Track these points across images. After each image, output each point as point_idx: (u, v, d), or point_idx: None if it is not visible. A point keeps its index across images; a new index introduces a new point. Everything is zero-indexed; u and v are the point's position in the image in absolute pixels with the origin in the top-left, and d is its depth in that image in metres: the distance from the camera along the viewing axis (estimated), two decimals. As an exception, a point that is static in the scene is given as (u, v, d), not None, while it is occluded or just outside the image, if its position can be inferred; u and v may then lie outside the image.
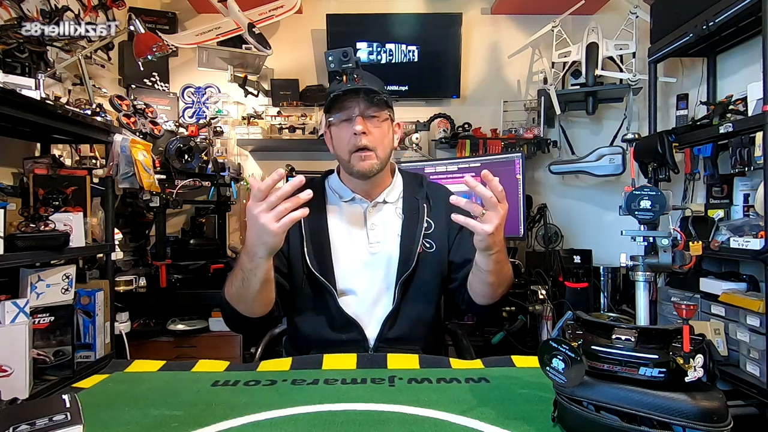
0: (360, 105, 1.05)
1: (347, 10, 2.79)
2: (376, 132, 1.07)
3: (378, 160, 1.07)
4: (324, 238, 1.10)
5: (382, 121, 1.08)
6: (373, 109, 1.06)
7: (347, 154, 1.07)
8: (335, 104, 1.06)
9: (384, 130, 1.09)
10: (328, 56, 1.01)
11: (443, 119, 2.71)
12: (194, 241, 2.37)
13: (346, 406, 0.70)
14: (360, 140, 1.04)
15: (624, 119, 2.63)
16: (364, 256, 1.11)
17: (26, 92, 1.43)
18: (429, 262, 1.11)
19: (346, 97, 1.04)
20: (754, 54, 1.96)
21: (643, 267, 0.68)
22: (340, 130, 1.08)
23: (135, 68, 2.43)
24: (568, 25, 2.68)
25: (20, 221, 1.38)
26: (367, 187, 1.14)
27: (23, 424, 0.53)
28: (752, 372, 1.59)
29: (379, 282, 1.10)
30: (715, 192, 1.99)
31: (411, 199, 1.16)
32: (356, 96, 1.04)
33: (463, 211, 1.04)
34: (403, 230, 1.12)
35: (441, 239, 1.13)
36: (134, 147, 1.83)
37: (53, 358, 1.44)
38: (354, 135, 1.04)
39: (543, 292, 2.16)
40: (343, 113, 1.06)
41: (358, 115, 1.05)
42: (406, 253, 1.09)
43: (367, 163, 1.06)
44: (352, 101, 1.05)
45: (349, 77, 1.02)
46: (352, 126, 1.04)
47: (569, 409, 0.61)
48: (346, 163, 1.09)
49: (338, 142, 1.09)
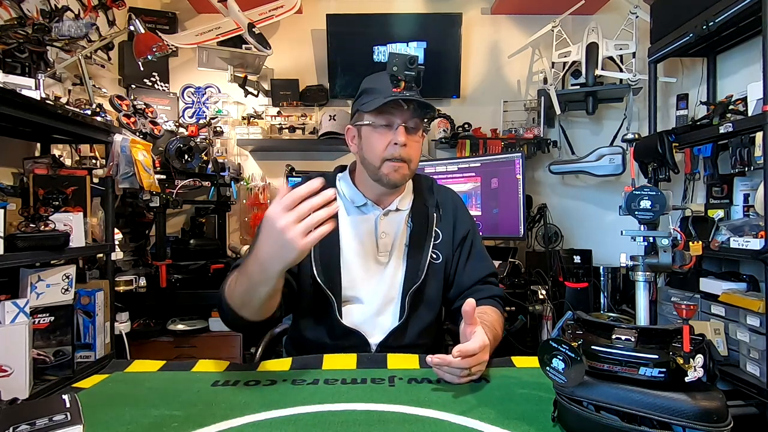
0: (404, 115, 1.02)
1: (347, 10, 2.79)
2: (413, 146, 1.05)
3: (409, 172, 1.06)
4: (334, 245, 1.07)
5: (420, 136, 1.07)
6: (416, 122, 1.04)
7: (379, 161, 1.03)
8: (383, 107, 1.01)
9: (420, 144, 1.08)
10: (394, 58, 0.97)
11: (443, 119, 2.71)
12: (194, 241, 2.37)
13: (346, 406, 0.70)
14: (399, 152, 1.02)
15: (624, 119, 2.63)
16: (372, 265, 1.09)
17: (26, 92, 1.43)
18: (435, 273, 1.11)
19: (394, 103, 1.00)
20: (754, 54, 1.96)
21: (643, 267, 0.68)
22: (377, 134, 1.03)
23: (135, 68, 2.43)
24: (568, 25, 2.68)
25: (20, 221, 1.38)
26: (382, 193, 1.11)
27: (23, 424, 0.53)
28: (752, 372, 1.59)
29: (384, 291, 1.08)
30: (715, 192, 1.99)
31: (421, 207, 1.15)
32: (405, 105, 1.01)
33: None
34: (411, 240, 1.11)
35: (447, 249, 1.13)
36: (134, 147, 1.83)
37: (53, 358, 1.44)
38: (394, 145, 1.02)
39: (543, 292, 2.16)
40: (386, 119, 1.02)
41: (401, 125, 1.02)
42: (414, 264, 1.08)
43: (400, 174, 1.04)
44: (399, 109, 1.01)
45: (408, 84, 0.99)
46: (394, 135, 1.01)
47: (569, 409, 0.61)
48: (375, 168, 1.05)
49: (371, 145, 1.04)
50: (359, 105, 1.06)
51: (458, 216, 1.16)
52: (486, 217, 2.41)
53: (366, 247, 1.10)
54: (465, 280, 1.13)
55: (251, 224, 2.67)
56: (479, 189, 2.43)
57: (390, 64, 0.98)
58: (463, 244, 1.15)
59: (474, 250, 1.16)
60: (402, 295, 1.07)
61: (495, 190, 2.38)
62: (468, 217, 1.19)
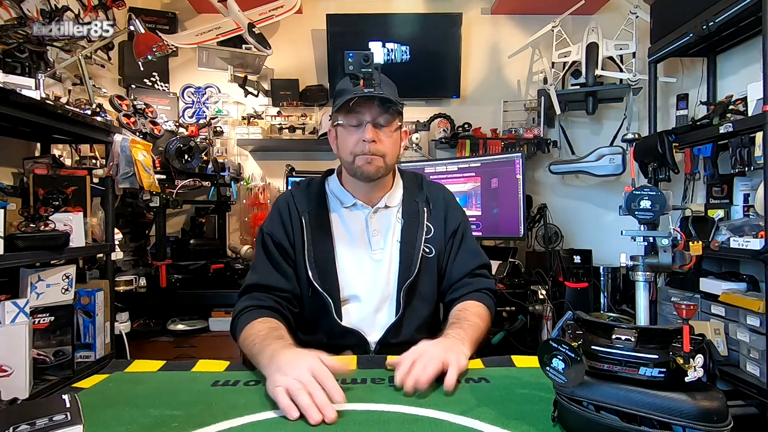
0: (373, 112, 1.03)
1: (347, 10, 2.79)
2: (385, 141, 1.05)
3: (384, 165, 1.07)
4: (328, 247, 1.09)
5: (393, 131, 1.07)
6: (386, 118, 1.04)
7: (351, 157, 1.05)
8: (348, 107, 1.03)
9: (393, 138, 1.08)
10: (349, 56, 0.96)
11: (443, 119, 2.71)
12: (194, 241, 2.37)
13: (346, 406, 0.70)
14: (368, 148, 1.03)
15: (624, 119, 2.62)
16: (366, 263, 1.10)
17: (26, 92, 1.43)
18: (429, 267, 1.12)
19: (360, 101, 1.02)
20: (754, 54, 1.96)
21: (643, 267, 0.68)
22: (348, 133, 1.06)
23: (135, 68, 2.43)
24: (568, 25, 2.68)
25: (20, 221, 1.38)
26: (369, 191, 1.12)
27: (23, 424, 0.53)
28: (752, 372, 1.59)
29: (381, 289, 1.09)
30: (715, 192, 1.99)
31: (411, 202, 1.16)
32: (370, 102, 1.02)
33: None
34: (403, 236, 1.12)
35: (439, 243, 1.14)
36: (134, 147, 1.83)
37: (53, 358, 1.44)
38: (363, 141, 1.03)
39: (543, 292, 2.16)
40: (354, 118, 1.04)
41: (369, 122, 1.03)
42: (407, 259, 1.09)
43: (373, 166, 1.05)
44: (365, 107, 1.03)
45: (367, 82, 0.99)
46: (362, 132, 1.03)
47: (569, 409, 0.61)
48: (349, 164, 1.07)
49: (344, 144, 1.07)
50: (334, 107, 1.08)
51: (449, 210, 1.17)
52: (486, 217, 2.41)
53: (359, 246, 1.11)
54: (454, 273, 1.14)
55: (251, 224, 2.67)
56: (479, 189, 2.43)
57: (346, 64, 0.98)
58: (453, 237, 1.16)
59: (464, 243, 1.16)
60: (397, 291, 1.08)
61: (495, 190, 2.38)
62: (459, 212, 1.20)
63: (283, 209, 1.12)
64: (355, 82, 1.00)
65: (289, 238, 1.10)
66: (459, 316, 1.02)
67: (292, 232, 1.10)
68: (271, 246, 1.09)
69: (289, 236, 1.10)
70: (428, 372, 0.77)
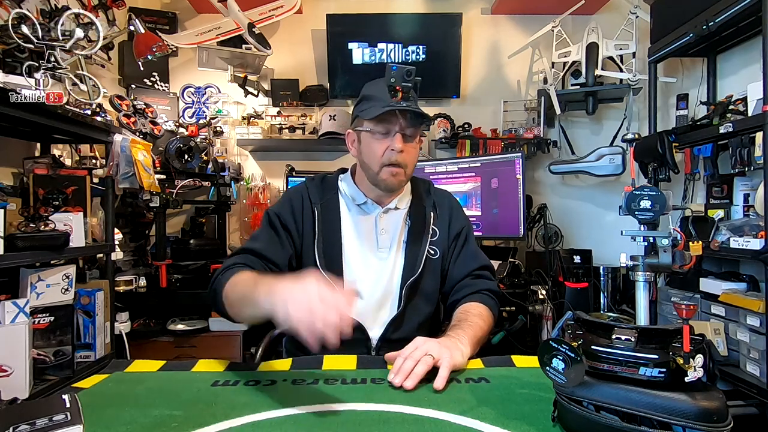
0: (402, 123, 1.07)
1: (347, 10, 2.79)
2: (410, 151, 1.10)
3: (405, 177, 1.12)
4: (336, 240, 1.12)
5: (417, 142, 1.13)
6: (413, 131, 1.10)
7: (378, 166, 1.09)
8: (381, 116, 1.06)
9: (416, 150, 1.13)
10: (393, 69, 1.03)
11: (443, 119, 2.71)
12: (194, 241, 2.37)
13: (346, 406, 0.70)
14: (396, 157, 1.07)
15: (624, 119, 2.63)
16: (372, 260, 1.14)
17: (26, 92, 1.43)
18: (433, 268, 1.16)
19: (393, 112, 1.06)
20: (754, 54, 1.96)
21: (643, 267, 0.68)
22: (375, 141, 1.09)
23: (135, 68, 2.43)
24: (568, 25, 2.68)
25: (20, 221, 1.38)
26: (381, 194, 1.16)
27: (23, 424, 0.53)
28: (752, 372, 1.59)
29: (384, 286, 1.12)
30: (715, 192, 1.99)
31: (419, 206, 1.20)
32: (403, 114, 1.07)
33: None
34: (408, 236, 1.16)
35: (443, 246, 1.18)
36: (134, 147, 1.83)
37: (53, 358, 1.44)
38: (391, 151, 1.07)
39: (543, 292, 2.16)
40: (383, 126, 1.08)
41: (399, 132, 1.07)
42: (412, 259, 1.13)
43: (397, 180, 1.10)
44: (397, 118, 1.07)
45: (405, 95, 1.05)
46: (391, 141, 1.07)
47: (569, 409, 0.61)
48: (374, 173, 1.11)
49: (371, 151, 1.10)
50: (359, 111, 1.12)
51: (454, 215, 1.22)
52: (486, 217, 2.41)
53: (366, 243, 1.14)
54: (456, 274, 1.17)
55: (251, 224, 2.67)
56: (479, 189, 2.43)
57: (388, 76, 1.04)
58: (457, 239, 1.20)
59: (466, 245, 1.21)
60: (399, 288, 1.12)
61: (495, 190, 2.38)
62: (463, 216, 1.25)
63: (295, 198, 1.16)
64: (394, 93, 1.05)
65: (297, 225, 1.13)
66: (460, 318, 1.04)
67: (302, 220, 1.13)
68: (277, 224, 1.12)
69: (297, 223, 1.13)
70: (419, 369, 0.79)
